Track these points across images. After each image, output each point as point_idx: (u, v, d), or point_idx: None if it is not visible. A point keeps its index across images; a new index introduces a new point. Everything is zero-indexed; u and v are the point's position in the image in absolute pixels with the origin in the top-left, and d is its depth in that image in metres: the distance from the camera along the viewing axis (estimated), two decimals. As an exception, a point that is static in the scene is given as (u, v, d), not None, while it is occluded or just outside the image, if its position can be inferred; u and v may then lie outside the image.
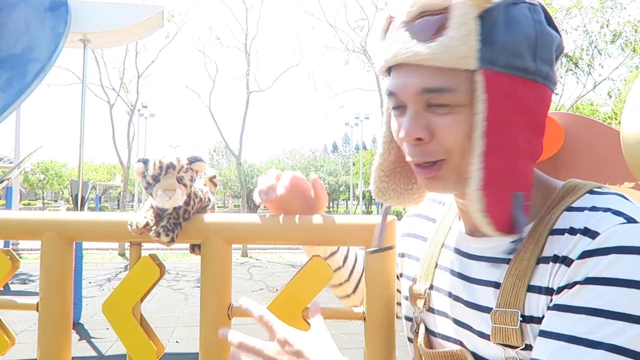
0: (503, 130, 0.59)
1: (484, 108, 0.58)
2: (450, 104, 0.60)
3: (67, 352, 0.80)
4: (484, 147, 0.58)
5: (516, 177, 0.61)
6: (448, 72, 0.59)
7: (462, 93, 0.59)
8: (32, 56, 4.54)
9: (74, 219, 0.80)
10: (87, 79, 6.12)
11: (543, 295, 0.59)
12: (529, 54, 0.58)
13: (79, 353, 4.43)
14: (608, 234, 0.55)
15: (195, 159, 0.76)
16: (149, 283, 0.79)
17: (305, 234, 0.77)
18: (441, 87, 0.59)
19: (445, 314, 0.73)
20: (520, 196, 0.60)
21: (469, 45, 0.57)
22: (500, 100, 0.58)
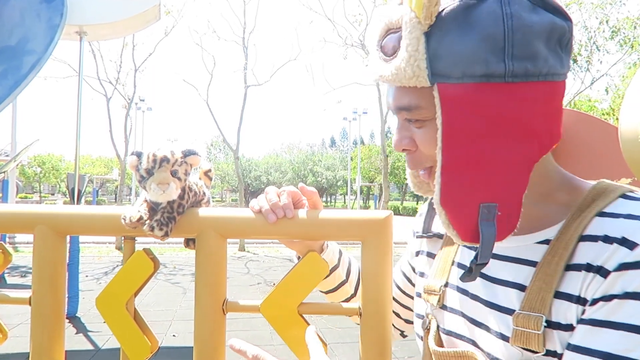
0: (462, 144, 0.57)
1: (440, 123, 0.57)
2: (419, 118, 0.62)
3: (60, 345, 0.79)
4: (441, 162, 0.58)
5: (482, 189, 0.58)
6: (411, 90, 0.60)
7: (427, 108, 0.60)
8: (27, 48, 4.50)
9: (66, 213, 0.79)
10: (83, 72, 6.08)
11: (574, 303, 0.57)
12: (493, 57, 0.55)
13: (75, 347, 4.43)
14: None
15: (189, 152, 0.75)
16: (142, 277, 0.78)
17: (302, 229, 0.76)
18: (407, 106, 0.62)
19: (460, 312, 0.71)
20: (488, 207, 0.58)
21: (416, 65, 0.57)
22: (457, 113, 0.56)
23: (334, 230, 0.75)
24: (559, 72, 0.58)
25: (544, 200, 0.64)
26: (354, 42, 12.95)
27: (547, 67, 0.57)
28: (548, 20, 0.56)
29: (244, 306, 0.79)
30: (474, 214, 0.58)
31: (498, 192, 0.58)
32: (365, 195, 48.88)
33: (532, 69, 0.56)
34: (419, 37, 0.56)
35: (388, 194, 12.57)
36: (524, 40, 0.55)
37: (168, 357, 4.13)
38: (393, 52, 0.59)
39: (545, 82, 0.57)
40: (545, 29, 0.56)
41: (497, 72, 0.55)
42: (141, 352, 0.77)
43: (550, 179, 0.65)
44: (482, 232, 0.58)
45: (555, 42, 0.57)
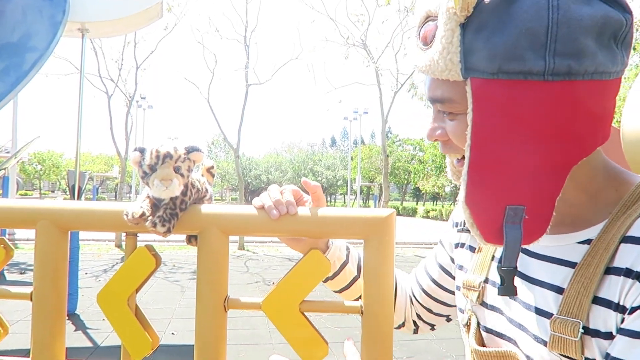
0: (492, 143, 0.54)
1: (470, 118, 0.55)
2: (453, 111, 0.60)
3: (62, 342, 0.79)
4: (468, 160, 0.56)
5: (510, 190, 0.55)
6: (445, 82, 0.58)
7: (459, 102, 0.58)
8: (29, 45, 4.50)
9: (69, 208, 0.79)
10: (85, 70, 6.08)
11: (612, 311, 0.54)
12: (532, 53, 0.50)
13: (74, 344, 4.43)
14: None
15: (192, 148, 0.75)
16: (144, 274, 0.78)
17: (304, 226, 0.76)
18: (440, 98, 0.60)
19: (500, 310, 0.69)
20: (515, 210, 0.55)
21: (449, 59, 0.54)
22: (489, 110, 0.53)
23: (336, 228, 0.75)
24: (609, 70, 0.53)
25: (591, 199, 0.61)
26: (356, 41, 12.94)
27: (594, 65, 0.51)
28: (602, 12, 0.51)
29: (246, 303, 0.79)
30: (500, 216, 0.56)
31: (527, 195, 0.55)
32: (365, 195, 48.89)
33: (576, 67, 0.51)
34: (454, 29, 0.53)
35: (388, 194, 12.57)
36: (569, 35, 0.50)
37: (167, 355, 4.13)
38: (429, 42, 0.57)
39: (591, 81, 0.52)
40: (596, 23, 0.50)
41: (536, 69, 0.51)
42: (142, 349, 0.77)
43: (597, 178, 0.61)
44: (507, 235, 0.55)
45: (609, 37, 0.52)
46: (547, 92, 0.51)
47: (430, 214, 33.02)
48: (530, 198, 0.55)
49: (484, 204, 0.56)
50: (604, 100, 0.54)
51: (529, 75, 0.51)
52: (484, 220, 0.57)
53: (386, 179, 12.56)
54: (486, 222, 0.57)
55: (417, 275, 0.94)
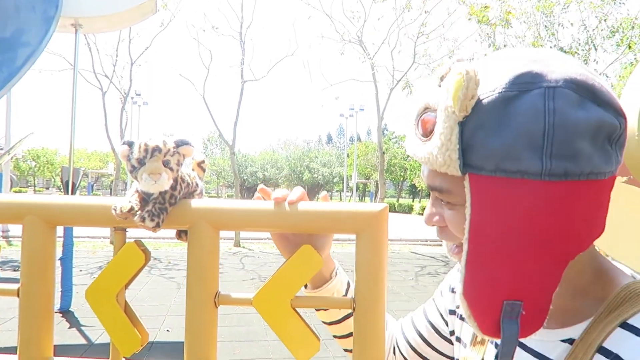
0: (489, 238, 0.54)
1: (469, 214, 0.55)
2: (451, 202, 0.61)
3: (49, 338, 0.78)
4: (466, 254, 0.56)
5: (507, 285, 0.55)
6: (444, 174, 0.59)
7: (457, 195, 0.58)
8: (22, 40, 4.46)
9: (56, 203, 0.78)
10: (79, 65, 6.03)
11: None
12: (529, 153, 0.51)
13: (68, 341, 4.41)
14: None
15: (182, 142, 0.74)
16: (133, 269, 0.77)
17: (297, 221, 0.75)
18: (439, 187, 0.61)
19: None
20: (512, 305, 0.55)
21: (447, 155, 0.55)
22: (487, 206, 0.54)
23: (327, 223, 0.74)
24: (604, 170, 0.54)
25: (579, 294, 0.62)
26: (352, 38, 12.92)
27: (590, 166, 0.52)
28: (596, 116, 0.52)
29: (236, 299, 0.78)
30: (497, 310, 0.56)
31: (524, 290, 0.55)
32: (362, 192, 48.93)
33: (572, 168, 0.52)
34: (452, 127, 0.54)
35: (384, 191, 12.59)
36: (565, 139, 0.51)
37: (162, 351, 4.12)
38: (428, 134, 0.58)
39: (587, 181, 0.53)
40: (591, 127, 0.51)
41: (533, 169, 0.51)
42: (131, 345, 0.76)
43: (587, 273, 0.62)
44: (504, 331, 0.56)
45: (604, 139, 0.53)
46: (544, 191, 0.52)
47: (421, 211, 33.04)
48: (528, 293, 0.55)
49: (481, 298, 0.57)
50: (600, 198, 0.55)
51: (527, 175, 0.52)
52: (481, 314, 0.57)
53: (382, 176, 12.57)
54: (483, 316, 0.57)
55: (404, 327, 0.93)
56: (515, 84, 0.52)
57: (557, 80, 0.52)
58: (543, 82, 0.52)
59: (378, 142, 12.74)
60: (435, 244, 13.81)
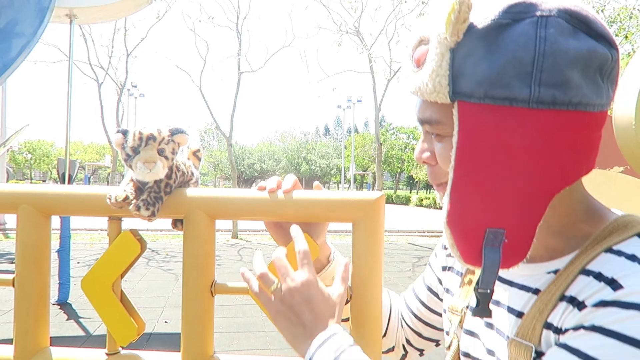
0: (475, 165, 0.55)
1: (456, 141, 0.56)
2: (440, 133, 0.61)
3: (45, 328, 0.78)
4: (451, 181, 0.57)
5: (490, 213, 0.56)
6: (434, 104, 0.59)
7: (446, 124, 0.59)
8: (16, 31, 4.42)
9: (51, 192, 0.77)
10: (74, 57, 5.98)
11: (553, 333, 0.56)
12: (518, 81, 0.52)
13: (66, 332, 4.42)
14: (632, 289, 0.50)
15: (177, 130, 0.73)
16: (129, 259, 0.77)
17: (293, 209, 0.75)
18: (429, 119, 0.61)
19: (477, 335, 0.70)
20: (495, 233, 0.56)
21: (437, 81, 0.55)
22: (474, 133, 0.54)
23: (324, 212, 0.74)
24: (593, 102, 0.54)
25: (567, 231, 0.62)
26: (349, 29, 12.85)
27: (579, 96, 0.52)
28: (588, 46, 0.52)
29: (233, 288, 0.78)
30: (479, 238, 0.56)
31: (508, 219, 0.56)
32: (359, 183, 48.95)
33: (560, 97, 0.52)
34: (443, 53, 0.54)
35: (382, 182, 12.60)
36: (555, 67, 0.51)
37: (160, 343, 4.13)
38: (421, 65, 0.58)
39: (575, 111, 0.53)
40: (582, 56, 0.52)
41: (521, 96, 0.52)
42: (127, 334, 0.76)
43: (576, 210, 0.62)
44: (485, 258, 0.56)
45: (595, 70, 0.53)
46: (532, 119, 0.53)
47: (424, 203, 33.12)
48: (511, 222, 0.56)
49: (464, 225, 0.57)
50: (589, 132, 0.55)
51: (515, 102, 0.52)
52: (463, 241, 0.58)
53: (379, 167, 12.57)
54: (466, 243, 0.58)
55: (407, 298, 0.93)
56: (509, 13, 0.52)
57: (550, 10, 0.52)
58: (536, 11, 0.52)
59: (375, 133, 12.72)
60: (432, 235, 13.84)
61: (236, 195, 0.75)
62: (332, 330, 0.62)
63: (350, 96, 34.24)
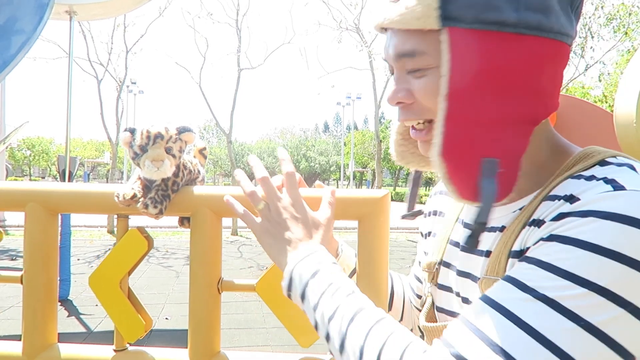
0: (469, 93, 0.55)
1: (447, 69, 0.55)
2: (421, 67, 0.59)
3: (53, 324, 0.79)
4: (445, 111, 0.56)
5: (486, 142, 0.56)
6: (416, 34, 0.57)
7: (431, 55, 0.57)
8: (16, 27, 4.41)
9: (58, 190, 0.78)
10: (74, 53, 5.97)
11: (517, 258, 0.56)
12: (507, 5, 0.53)
13: (67, 329, 4.43)
14: (589, 199, 0.50)
15: (184, 129, 0.74)
16: (136, 256, 0.77)
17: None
18: (411, 51, 0.58)
19: (450, 288, 0.71)
20: (490, 163, 0.56)
21: (426, 4, 0.54)
22: (466, 60, 0.54)
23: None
24: (568, 32, 0.57)
25: (536, 170, 0.62)
26: (349, 25, 12.82)
27: (558, 24, 0.55)
28: None
29: (240, 285, 0.78)
30: (475, 169, 0.56)
31: (500, 149, 0.56)
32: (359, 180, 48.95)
33: (544, 22, 0.54)
34: None
35: (381, 180, 12.60)
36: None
37: (161, 339, 4.14)
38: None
39: (555, 40, 0.55)
40: None
41: (510, 20, 0.53)
42: (135, 331, 0.77)
43: (543, 149, 0.63)
44: (483, 189, 0.56)
45: (567, 2, 0.57)
46: (519, 44, 0.54)
47: (423, 199, 33.17)
48: (502, 152, 0.56)
49: (461, 156, 0.56)
50: (562, 64, 0.58)
51: (503, 27, 0.53)
52: (460, 174, 0.57)
53: (379, 164, 12.57)
54: (462, 175, 0.57)
55: (410, 281, 0.94)
56: None
57: None
58: None
59: (375, 130, 12.71)
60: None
61: (242, 193, 0.76)
62: (316, 247, 0.63)
63: (349, 93, 34.22)
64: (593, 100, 13.94)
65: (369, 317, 0.54)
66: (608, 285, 0.45)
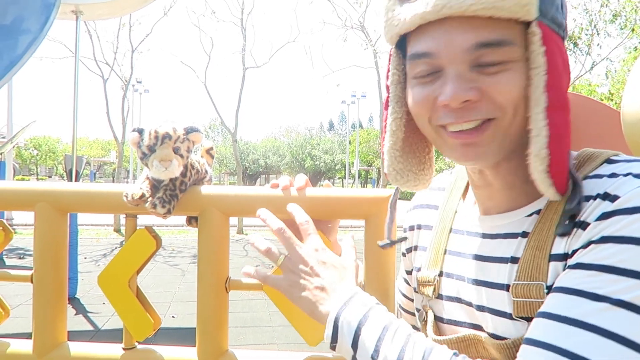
0: (560, 85, 0.56)
1: (544, 61, 0.55)
2: (504, 60, 0.56)
3: (63, 322, 0.79)
4: (546, 103, 0.55)
5: (569, 134, 0.57)
6: (504, 24, 0.55)
7: (519, 46, 0.56)
8: (22, 27, 4.44)
9: (67, 190, 0.78)
10: (80, 53, 6.00)
11: (561, 262, 0.56)
12: (561, 10, 0.58)
13: (75, 327, 4.46)
14: (630, 195, 0.51)
15: (192, 129, 0.74)
16: (145, 255, 0.78)
17: (306, 207, 0.75)
18: (499, 40, 0.55)
19: (457, 299, 0.69)
20: (571, 155, 0.59)
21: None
22: (555, 54, 0.56)
23: (337, 209, 0.75)
24: (567, 33, 0.61)
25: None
26: (354, 24, 12.81)
27: (564, 23, 0.60)
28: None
29: (247, 284, 0.79)
30: (566, 160, 0.57)
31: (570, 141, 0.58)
32: (363, 179, 48.93)
33: (564, 23, 0.60)
34: None
35: (386, 178, 12.58)
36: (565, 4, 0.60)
37: (168, 337, 4.16)
38: None
39: (564, 39, 0.60)
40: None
41: (564, 24, 0.59)
42: (144, 330, 0.77)
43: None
44: (575, 181, 0.57)
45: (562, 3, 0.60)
46: (562, 45, 0.59)
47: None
48: (569, 145, 0.58)
49: (563, 148, 0.56)
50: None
51: (560, 29, 0.59)
52: (560, 166, 0.56)
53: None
54: (561, 168, 0.56)
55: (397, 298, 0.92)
56: None
57: None
58: None
59: (380, 128, 12.69)
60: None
61: (250, 192, 0.76)
62: (354, 288, 0.61)
63: (354, 91, 34.19)
64: (599, 98, 13.84)
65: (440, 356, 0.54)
66: None
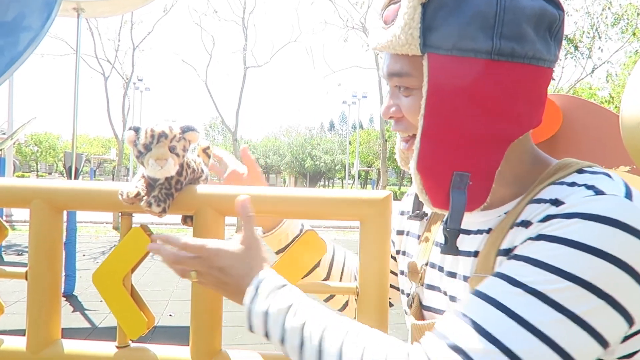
0: (443, 112, 0.60)
1: (426, 90, 0.60)
2: (408, 86, 0.65)
3: (57, 320, 0.79)
4: (421, 129, 0.61)
5: (457, 158, 0.61)
6: (404, 57, 0.64)
7: (415, 77, 0.63)
8: (24, 24, 4.44)
9: (63, 187, 0.78)
10: (81, 50, 6.00)
11: (505, 256, 0.60)
12: (482, 33, 0.58)
13: (72, 324, 4.46)
14: (573, 202, 0.56)
15: (188, 128, 0.74)
16: (140, 254, 0.78)
17: (300, 207, 0.76)
18: (398, 71, 0.65)
19: (438, 288, 0.73)
20: (461, 176, 0.61)
21: (409, 33, 0.60)
22: (442, 83, 0.60)
23: (332, 210, 0.75)
24: (544, 57, 0.61)
25: (518, 179, 0.67)
26: (355, 24, 12.82)
27: (533, 50, 0.59)
28: (540, 5, 0.59)
29: (241, 284, 0.78)
30: (447, 181, 0.62)
31: (472, 163, 0.62)
32: (364, 179, 48.94)
33: (518, 49, 0.59)
34: (415, 7, 0.59)
35: (386, 179, 12.60)
36: (514, 21, 0.58)
37: (165, 336, 4.15)
38: (392, 21, 0.63)
39: (530, 65, 0.60)
40: (535, 14, 0.59)
41: (484, 48, 0.58)
42: (138, 328, 0.77)
43: (525, 161, 0.68)
44: (453, 199, 0.62)
45: (545, 28, 0.60)
46: (493, 70, 0.59)
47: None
48: (474, 166, 0.62)
49: (433, 170, 0.62)
50: (539, 86, 0.63)
51: (479, 54, 0.58)
52: (432, 185, 0.63)
53: (384, 163, 12.57)
54: (434, 186, 0.63)
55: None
56: None
57: None
58: None
59: (380, 129, 12.71)
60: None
61: (245, 192, 0.76)
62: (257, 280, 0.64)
63: (355, 92, 34.20)
64: (600, 101, 13.84)
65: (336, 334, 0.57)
66: (591, 279, 0.51)
